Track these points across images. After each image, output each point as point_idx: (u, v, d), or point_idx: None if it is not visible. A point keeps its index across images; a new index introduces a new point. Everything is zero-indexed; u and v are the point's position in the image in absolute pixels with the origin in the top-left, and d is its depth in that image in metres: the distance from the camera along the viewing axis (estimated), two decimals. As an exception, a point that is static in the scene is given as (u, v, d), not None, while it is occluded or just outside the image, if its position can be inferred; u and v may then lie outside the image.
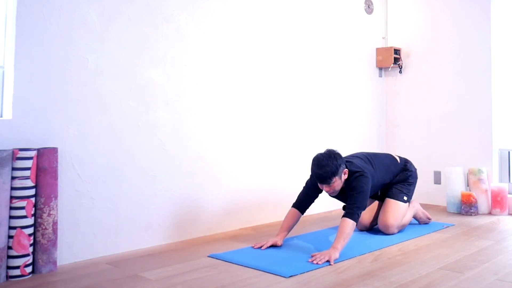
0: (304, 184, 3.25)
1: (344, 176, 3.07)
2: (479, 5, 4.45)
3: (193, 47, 3.39)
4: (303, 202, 3.17)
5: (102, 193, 2.90)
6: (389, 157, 3.57)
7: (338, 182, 3.03)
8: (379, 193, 3.55)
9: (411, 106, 4.92)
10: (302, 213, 3.18)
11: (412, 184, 3.54)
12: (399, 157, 3.64)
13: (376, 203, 3.54)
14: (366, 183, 3.03)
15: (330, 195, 3.15)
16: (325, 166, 2.96)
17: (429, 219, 3.73)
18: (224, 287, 2.34)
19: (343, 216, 2.90)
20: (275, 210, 3.87)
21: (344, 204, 3.24)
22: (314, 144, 4.25)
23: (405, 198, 3.44)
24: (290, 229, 3.14)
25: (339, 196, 3.20)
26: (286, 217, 3.16)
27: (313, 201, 3.20)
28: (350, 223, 2.85)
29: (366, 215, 3.48)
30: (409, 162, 3.64)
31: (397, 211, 3.38)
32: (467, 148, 4.50)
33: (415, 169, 3.62)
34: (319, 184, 3.06)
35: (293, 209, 3.16)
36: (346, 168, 3.08)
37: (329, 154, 3.03)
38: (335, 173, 2.98)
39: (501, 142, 4.37)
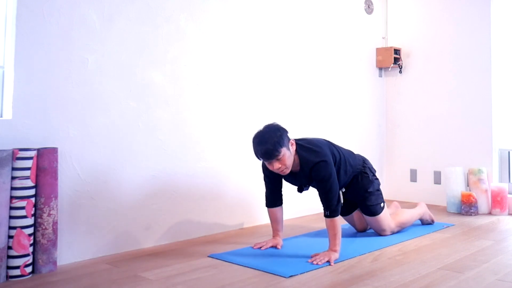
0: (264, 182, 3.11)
1: (292, 148, 2.78)
2: (479, 5, 4.45)
3: (193, 47, 3.39)
4: (273, 197, 3.07)
5: (102, 193, 2.89)
6: (349, 151, 3.27)
7: (288, 154, 2.72)
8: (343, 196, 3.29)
9: (411, 106, 4.92)
10: (281, 205, 3.08)
11: (379, 189, 3.28)
12: (356, 154, 3.35)
13: (357, 213, 3.39)
14: (331, 169, 2.80)
15: (284, 177, 2.94)
16: (268, 139, 2.66)
17: (433, 221, 3.72)
18: (224, 287, 2.34)
19: (327, 216, 2.78)
20: (275, 210, 3.87)
21: (297, 187, 3.03)
22: (314, 144, 4.25)
23: (382, 205, 3.26)
24: (281, 226, 3.11)
25: (294, 179, 2.97)
26: (270, 218, 3.09)
27: (281, 188, 3.06)
28: (336, 221, 2.77)
29: (361, 224, 3.42)
30: (368, 162, 3.33)
31: (384, 221, 3.29)
32: (467, 148, 4.50)
33: (375, 171, 3.35)
34: (268, 165, 2.75)
35: (269, 209, 3.08)
36: (296, 144, 2.84)
37: (269, 127, 2.77)
38: (280, 143, 2.66)
39: (501, 142, 4.37)
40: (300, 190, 3.04)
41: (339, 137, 4.50)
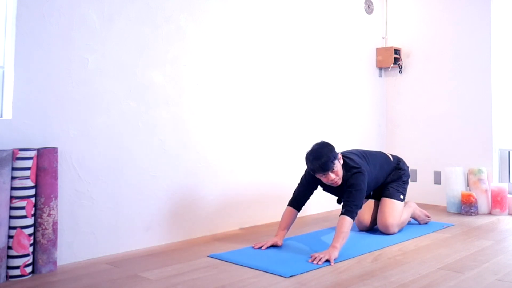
0: (299, 182, 3.23)
1: (340, 162, 3.07)
2: (479, 5, 4.45)
3: (193, 47, 3.39)
4: (299, 200, 3.16)
5: (102, 193, 2.90)
6: (383, 155, 3.56)
7: (339, 167, 3.03)
8: (371, 193, 3.54)
9: (411, 106, 4.92)
10: (299, 211, 3.18)
11: (406, 183, 3.57)
12: (392, 155, 3.64)
13: (372, 202, 3.53)
14: (364, 181, 3.04)
15: (329, 187, 3.15)
16: (323, 154, 2.96)
17: (428, 217, 3.75)
18: (224, 287, 2.34)
19: (342, 214, 2.89)
20: (275, 210, 3.87)
21: (337, 198, 3.30)
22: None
23: (402, 196, 3.47)
24: (288, 228, 3.14)
25: (335, 189, 3.20)
26: (283, 216, 3.15)
27: (309, 198, 3.20)
28: (348, 221, 2.85)
29: (366, 215, 3.48)
30: (402, 160, 3.63)
31: (395, 210, 3.39)
32: (467, 148, 4.50)
33: (408, 167, 3.64)
34: (324, 178, 3.02)
35: (290, 208, 3.16)
36: (342, 159, 3.12)
37: (319, 144, 3.05)
38: (335, 156, 2.99)
39: (501, 142, 4.37)
40: (339, 201, 3.30)
41: (339, 137, 4.51)
